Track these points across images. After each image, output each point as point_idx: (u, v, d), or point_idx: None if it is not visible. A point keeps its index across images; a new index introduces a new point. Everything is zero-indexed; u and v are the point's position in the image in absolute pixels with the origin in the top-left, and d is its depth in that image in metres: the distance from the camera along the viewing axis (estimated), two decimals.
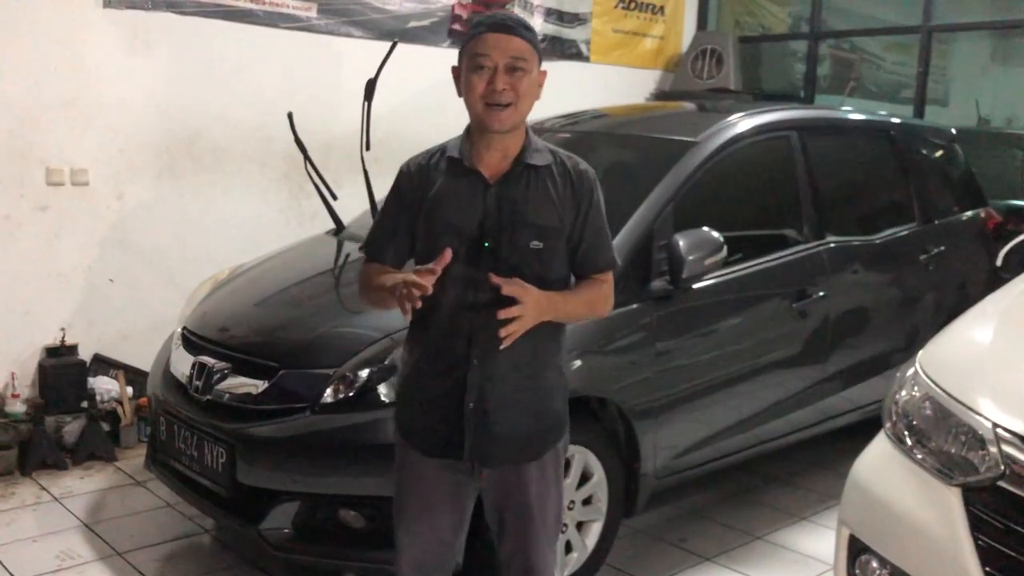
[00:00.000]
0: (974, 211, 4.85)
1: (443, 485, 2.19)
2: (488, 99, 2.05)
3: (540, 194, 2.10)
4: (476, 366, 2.09)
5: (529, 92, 2.09)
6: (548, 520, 2.25)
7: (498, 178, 2.11)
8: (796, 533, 3.74)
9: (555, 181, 2.11)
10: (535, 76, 2.10)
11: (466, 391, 2.10)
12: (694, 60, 6.96)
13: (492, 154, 2.12)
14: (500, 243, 2.07)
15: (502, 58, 2.04)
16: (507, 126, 2.07)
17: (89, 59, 4.44)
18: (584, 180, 2.15)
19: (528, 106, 2.10)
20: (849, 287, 4.04)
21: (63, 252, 4.46)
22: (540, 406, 2.18)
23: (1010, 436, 2.06)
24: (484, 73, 2.05)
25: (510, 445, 2.15)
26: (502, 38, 2.04)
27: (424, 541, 2.23)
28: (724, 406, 3.57)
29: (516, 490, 2.20)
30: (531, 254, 2.08)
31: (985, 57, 7.22)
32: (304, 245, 4.14)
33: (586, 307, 2.20)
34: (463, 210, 2.09)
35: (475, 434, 2.11)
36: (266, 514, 2.88)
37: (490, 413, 2.11)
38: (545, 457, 2.21)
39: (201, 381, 3.12)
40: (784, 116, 4.11)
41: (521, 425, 2.15)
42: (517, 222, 2.08)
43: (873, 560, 2.33)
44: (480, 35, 2.06)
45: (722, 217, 3.48)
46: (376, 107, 4.01)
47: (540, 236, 2.09)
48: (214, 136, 4.88)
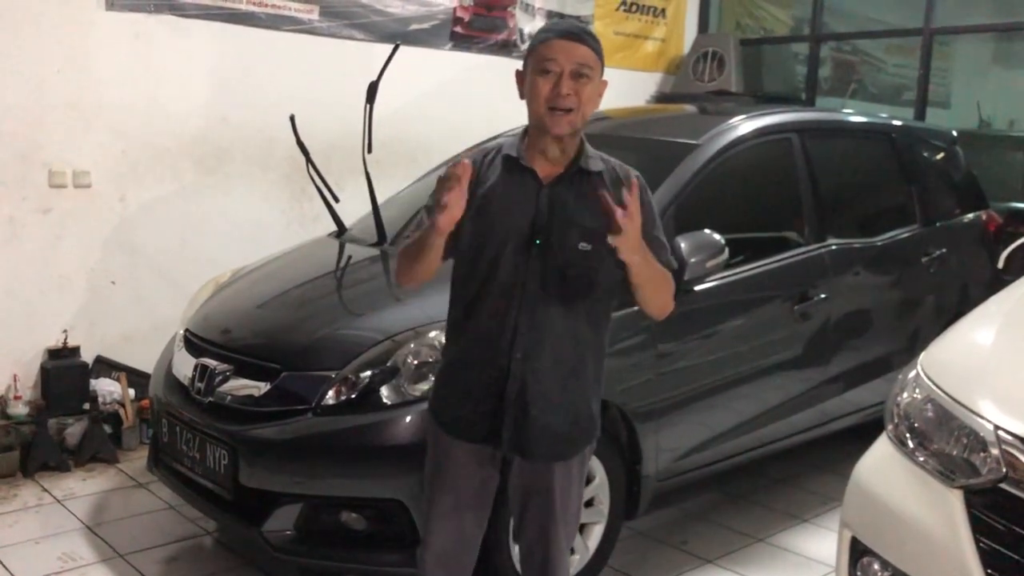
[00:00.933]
0: (975, 213, 4.85)
1: (473, 480, 2.27)
2: (552, 103, 2.10)
3: (592, 199, 2.11)
4: (520, 359, 2.15)
5: (591, 99, 2.14)
6: (569, 519, 2.31)
7: (552, 179, 2.17)
8: (798, 535, 3.74)
9: (607, 188, 2.15)
10: (597, 84, 2.16)
11: (508, 382, 2.16)
12: (695, 63, 6.97)
13: (547, 157, 2.18)
14: (550, 242, 2.13)
15: (568, 64, 2.09)
16: (567, 130, 2.13)
17: (92, 61, 4.44)
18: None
19: (588, 111, 2.15)
20: (850, 289, 4.04)
21: (65, 254, 4.46)
22: (577, 406, 2.23)
23: (1012, 438, 2.06)
24: (550, 77, 2.10)
25: (545, 440, 2.20)
26: (570, 45, 2.10)
27: (449, 535, 2.30)
28: (726, 408, 3.58)
29: (543, 486, 2.25)
30: (579, 255, 2.13)
31: (986, 59, 7.23)
32: (306, 247, 4.14)
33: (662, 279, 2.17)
34: (516, 207, 2.15)
35: (514, 425, 2.18)
36: (268, 516, 2.89)
37: (530, 405, 2.17)
38: (572, 460, 2.26)
39: (203, 383, 3.13)
40: (785, 118, 4.12)
41: (558, 422, 2.20)
42: (567, 223, 2.14)
43: (875, 562, 2.32)
44: (548, 40, 2.12)
45: (723, 219, 3.48)
46: (378, 110, 4.01)
47: (589, 238, 2.13)
48: (216, 138, 4.88)
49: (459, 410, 2.24)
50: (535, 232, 2.13)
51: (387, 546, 2.83)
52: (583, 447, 2.28)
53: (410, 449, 2.77)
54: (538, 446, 2.20)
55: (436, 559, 2.32)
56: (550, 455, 2.22)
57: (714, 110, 4.77)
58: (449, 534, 2.31)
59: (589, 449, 2.31)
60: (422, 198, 4.15)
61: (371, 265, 3.79)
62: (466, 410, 2.22)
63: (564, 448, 2.24)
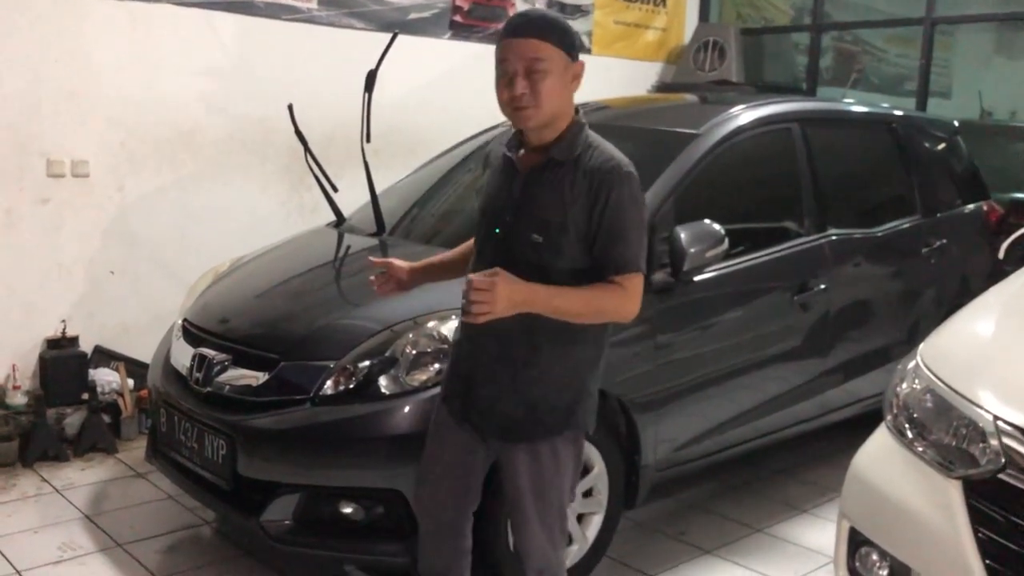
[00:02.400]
0: (976, 204, 4.84)
1: (457, 446, 2.35)
2: (511, 104, 2.12)
3: (553, 189, 2.13)
4: (466, 339, 2.28)
5: (552, 91, 2.10)
6: (545, 509, 2.27)
7: (526, 170, 2.20)
8: (797, 526, 3.74)
9: (573, 177, 2.12)
10: (560, 72, 2.10)
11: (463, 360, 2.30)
12: (696, 52, 6.94)
13: (529, 147, 2.22)
14: (510, 231, 2.18)
15: (519, 62, 2.09)
16: (532, 124, 2.14)
17: (90, 50, 4.42)
18: (604, 176, 2.11)
19: (553, 103, 2.11)
20: (850, 280, 4.03)
21: (64, 244, 4.45)
22: (533, 396, 2.21)
23: (1011, 429, 2.06)
24: (505, 79, 2.11)
25: (494, 419, 2.26)
26: (517, 42, 2.09)
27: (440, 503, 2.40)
28: (725, 399, 3.57)
29: (510, 472, 2.29)
30: (530, 246, 2.14)
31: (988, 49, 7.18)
32: (305, 237, 4.13)
33: (585, 306, 2.11)
34: (498, 198, 2.24)
35: (463, 398, 2.30)
36: (266, 506, 2.88)
37: (476, 384, 2.27)
38: (538, 445, 2.23)
39: (201, 373, 3.12)
40: (786, 108, 4.10)
41: (508, 406, 2.22)
42: (525, 215, 2.16)
43: (873, 553, 2.33)
44: (501, 41, 2.13)
45: (724, 209, 3.47)
46: (377, 99, 4.00)
47: (541, 230, 2.12)
48: (215, 128, 4.87)
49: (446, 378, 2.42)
50: (499, 222, 2.20)
51: (385, 536, 2.83)
52: (543, 436, 2.22)
53: (408, 439, 2.76)
54: (487, 424, 2.27)
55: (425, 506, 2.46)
56: (499, 435, 2.27)
57: (715, 100, 4.76)
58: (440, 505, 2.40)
59: (564, 441, 2.25)
60: (421, 187, 4.20)
61: (370, 255, 3.78)
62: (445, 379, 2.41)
63: (516, 432, 2.23)
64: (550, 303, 2.08)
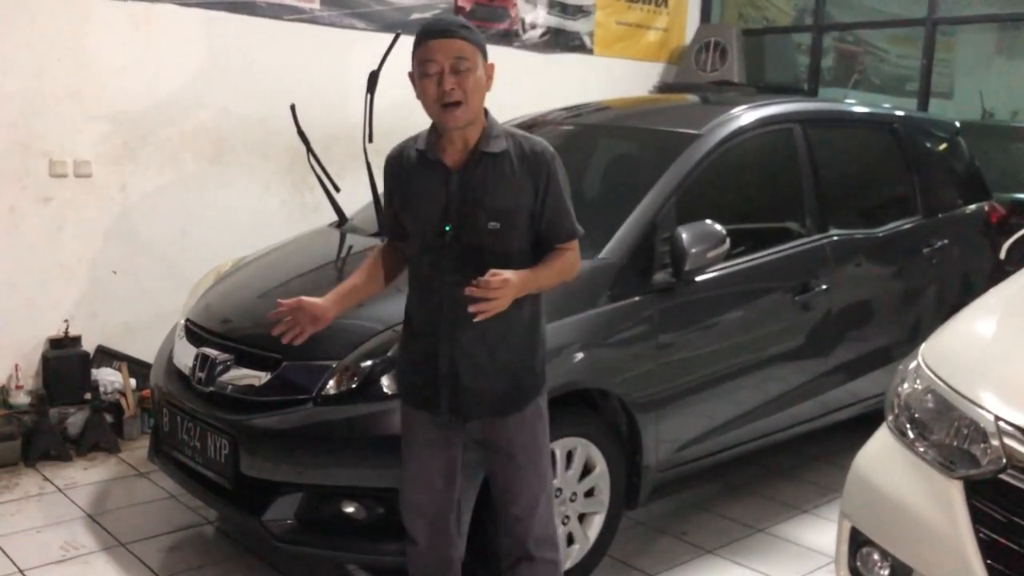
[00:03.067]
0: (978, 204, 4.84)
1: (431, 435, 2.44)
2: (440, 100, 2.23)
3: (497, 179, 2.29)
4: (444, 336, 2.33)
5: (477, 87, 2.26)
6: (536, 471, 2.45)
7: (459, 167, 2.31)
8: (798, 526, 3.75)
9: (512, 165, 2.30)
10: (481, 72, 2.27)
11: (439, 355, 2.35)
12: (698, 52, 6.95)
13: (453, 146, 2.32)
14: (461, 226, 2.28)
15: (446, 60, 2.22)
16: (461, 123, 2.26)
17: (92, 50, 4.43)
18: (540, 161, 2.31)
19: (478, 100, 2.28)
20: (852, 280, 4.03)
21: (66, 244, 4.46)
22: (513, 365, 2.38)
23: (1012, 429, 2.06)
24: (433, 78, 2.23)
25: (484, 401, 2.37)
26: (443, 43, 2.22)
27: (419, 486, 2.48)
28: (726, 399, 3.57)
29: (503, 442, 2.41)
30: (489, 234, 2.28)
31: (990, 50, 7.19)
32: (307, 237, 4.14)
33: (556, 275, 2.38)
34: (429, 197, 2.32)
35: (449, 393, 2.37)
36: (269, 505, 2.89)
37: (461, 376, 2.35)
38: (526, 410, 2.41)
39: (204, 373, 3.13)
40: (787, 109, 4.10)
41: (494, 384, 2.37)
42: (476, 206, 2.28)
43: (875, 553, 2.33)
44: (423, 43, 2.25)
45: (725, 210, 3.47)
46: (379, 99, 4.01)
47: (497, 217, 2.28)
48: (217, 128, 4.88)
49: (407, 380, 2.47)
50: (446, 218, 2.29)
51: (387, 535, 2.83)
52: (528, 401, 2.41)
53: None
54: (478, 408, 2.39)
55: (409, 507, 2.52)
56: (489, 412, 2.39)
57: (716, 100, 4.76)
58: (419, 490, 2.48)
59: (543, 399, 2.46)
60: None
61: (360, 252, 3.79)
62: (410, 379, 2.45)
63: (505, 406, 2.39)
64: (537, 283, 2.32)
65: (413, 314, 2.43)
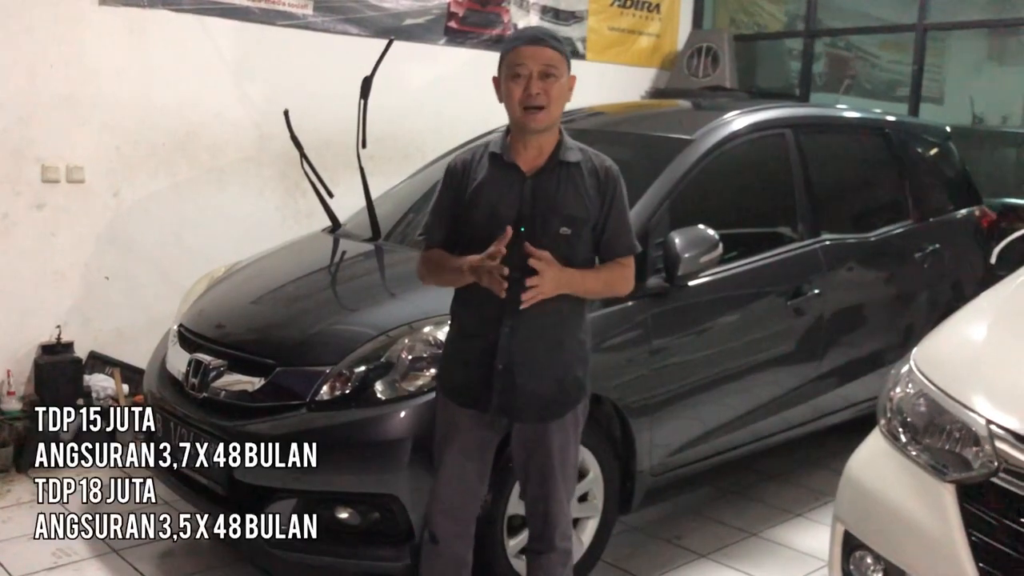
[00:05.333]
0: (969, 209, 4.86)
1: (473, 434, 2.50)
2: (524, 103, 2.33)
3: (571, 187, 2.39)
4: (507, 333, 2.38)
5: (560, 96, 2.37)
6: (567, 474, 2.54)
7: (534, 172, 2.40)
8: (792, 530, 3.76)
9: (584, 176, 2.40)
10: (565, 82, 2.38)
11: (496, 354, 2.39)
12: (690, 58, 6.97)
13: (529, 151, 2.41)
14: (533, 228, 2.36)
15: (536, 66, 2.32)
16: (542, 126, 2.36)
17: (85, 56, 4.43)
18: (609, 176, 2.43)
19: (560, 108, 2.39)
20: (844, 285, 4.05)
21: (59, 250, 4.46)
22: (562, 372, 2.45)
23: (1004, 433, 2.07)
24: (521, 81, 2.34)
25: (533, 404, 2.43)
26: (535, 49, 2.34)
27: (455, 487, 2.52)
28: (719, 403, 3.58)
29: (540, 446, 2.47)
30: (559, 239, 2.37)
31: (980, 55, 7.23)
32: (300, 243, 4.14)
33: (604, 285, 2.48)
34: (502, 199, 2.39)
35: (502, 391, 2.41)
36: (263, 511, 2.88)
37: (516, 374, 2.40)
38: (566, 418, 2.48)
39: (197, 378, 3.12)
40: (779, 114, 4.12)
41: (544, 387, 2.43)
42: (549, 211, 2.37)
43: (868, 556, 2.34)
44: (516, 47, 2.36)
45: (717, 215, 3.48)
46: (372, 105, 4.01)
47: (568, 224, 2.37)
48: (211, 134, 4.87)
49: (456, 377, 2.50)
50: (520, 220, 2.35)
51: (381, 541, 2.83)
52: (570, 409, 2.48)
53: (404, 444, 2.78)
54: (527, 410, 2.44)
55: (443, 511, 2.53)
56: (536, 418, 2.45)
57: (708, 106, 4.77)
58: (455, 490, 2.52)
59: (581, 407, 2.52)
60: (416, 193, 4.21)
61: (365, 260, 3.79)
62: (462, 377, 2.48)
63: (552, 410, 2.46)
64: (584, 285, 2.41)
65: (467, 314, 2.47)
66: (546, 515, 2.53)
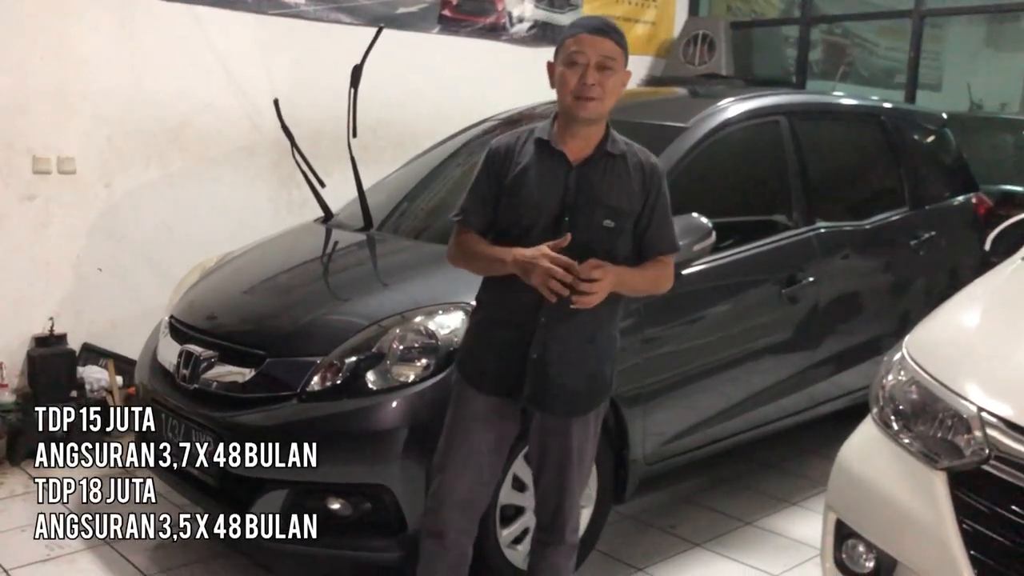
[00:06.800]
0: (965, 196, 4.85)
1: (493, 430, 2.45)
2: (578, 92, 2.28)
3: (615, 179, 2.35)
4: (543, 324, 2.34)
5: (615, 89, 2.32)
6: (584, 468, 2.53)
7: (580, 161, 2.35)
8: (786, 519, 3.75)
9: (629, 170, 2.36)
10: (620, 76, 2.33)
11: (531, 344, 2.35)
12: (686, 46, 6.94)
13: (576, 140, 2.36)
14: (577, 219, 2.32)
15: (594, 56, 2.28)
16: (592, 116, 2.31)
17: (76, 46, 4.40)
18: (655, 172, 2.40)
19: (612, 102, 2.33)
20: (839, 272, 4.03)
21: (51, 241, 4.44)
22: (593, 367, 2.42)
23: (995, 420, 2.07)
24: (577, 69, 2.29)
25: (562, 397, 2.40)
26: (596, 39, 2.29)
27: (465, 473, 2.45)
28: (713, 392, 3.57)
29: (562, 439, 2.45)
30: (603, 231, 2.33)
31: (978, 42, 7.19)
32: (292, 233, 4.12)
33: (650, 283, 2.45)
34: (547, 186, 2.34)
35: (534, 382, 2.37)
36: (254, 502, 2.87)
37: (549, 366, 2.36)
38: (590, 414, 2.46)
39: (188, 370, 3.11)
40: (774, 101, 4.10)
41: (575, 382, 2.40)
42: (593, 202, 2.33)
43: (860, 544, 2.33)
44: (577, 35, 2.31)
45: (712, 203, 3.47)
46: (366, 94, 3.99)
47: (612, 216, 2.33)
48: (202, 124, 4.85)
49: (485, 365, 2.44)
50: (564, 210, 2.32)
51: (373, 531, 2.83)
52: (597, 404, 2.47)
53: (396, 435, 2.77)
54: (556, 403, 2.40)
55: (457, 505, 2.47)
56: (566, 411, 2.42)
57: (703, 93, 4.74)
58: (469, 481, 2.46)
59: (604, 404, 2.51)
60: (410, 183, 4.19)
61: (357, 251, 3.77)
62: (491, 365, 2.43)
63: (579, 405, 2.43)
64: (632, 284, 2.38)
65: (500, 302, 2.41)
66: (559, 508, 2.50)
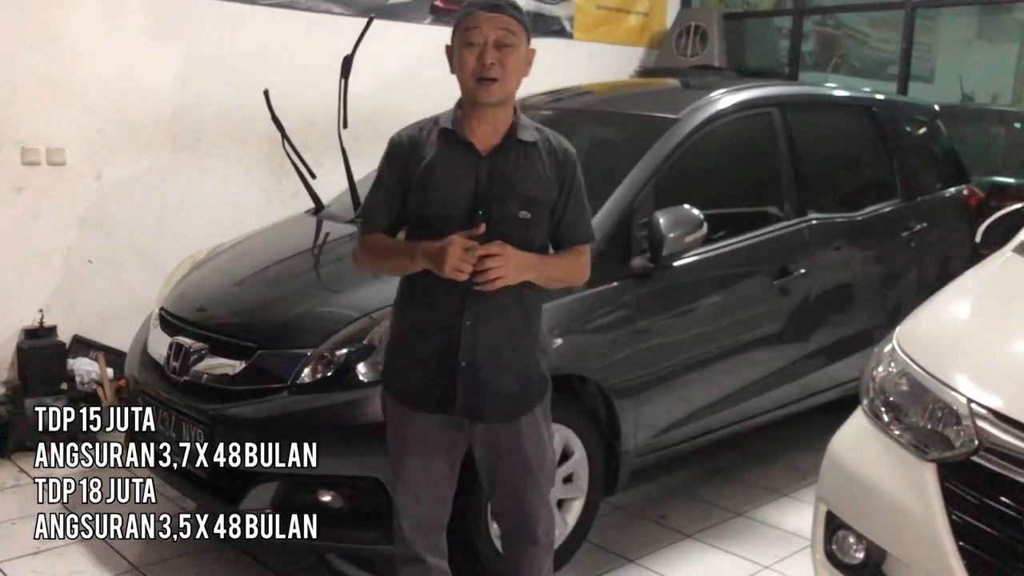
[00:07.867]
0: (957, 188, 4.85)
1: (436, 441, 2.33)
2: (478, 74, 2.17)
3: (530, 168, 2.23)
4: (469, 327, 2.22)
5: (516, 68, 2.20)
6: (546, 469, 2.42)
7: (489, 150, 2.23)
8: (777, 510, 3.76)
9: (542, 157, 2.25)
10: (523, 53, 2.22)
11: (459, 351, 2.23)
12: (678, 37, 6.92)
13: (483, 127, 2.24)
14: (491, 211, 2.19)
15: (492, 33, 2.16)
16: (495, 99, 2.19)
17: (65, 36, 4.37)
18: (568, 158, 2.29)
19: (516, 82, 2.22)
20: (831, 264, 4.04)
21: (41, 233, 4.41)
22: (526, 368, 2.32)
23: (985, 412, 2.07)
24: (474, 49, 2.17)
25: (499, 403, 2.28)
26: (491, 16, 2.17)
27: (424, 498, 2.36)
28: (705, 384, 3.58)
29: (512, 444, 2.33)
30: (519, 223, 2.21)
31: (970, 33, 7.20)
32: (283, 225, 4.10)
33: (565, 272, 2.35)
34: (457, 179, 2.21)
35: (466, 391, 2.25)
36: (245, 495, 2.87)
37: (481, 371, 2.24)
38: (535, 411, 2.35)
39: (178, 362, 3.10)
40: (766, 93, 4.10)
41: (509, 384, 2.29)
42: (508, 193, 2.21)
43: (850, 536, 2.34)
44: (471, 13, 2.19)
45: (703, 194, 3.46)
46: (358, 85, 3.98)
47: (528, 207, 2.22)
48: (193, 115, 4.82)
49: (411, 380, 2.31)
50: (477, 203, 2.20)
51: (364, 524, 2.82)
52: (536, 403, 2.35)
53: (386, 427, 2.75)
54: (491, 410, 2.28)
55: (414, 524, 2.38)
56: (503, 416, 2.30)
57: (695, 84, 4.74)
58: (424, 500, 2.37)
59: (547, 401, 2.39)
60: None
61: (348, 242, 3.75)
62: (418, 380, 2.30)
63: (517, 408, 2.32)
64: (546, 270, 2.27)
65: (420, 308, 2.27)
66: (524, 513, 2.40)
